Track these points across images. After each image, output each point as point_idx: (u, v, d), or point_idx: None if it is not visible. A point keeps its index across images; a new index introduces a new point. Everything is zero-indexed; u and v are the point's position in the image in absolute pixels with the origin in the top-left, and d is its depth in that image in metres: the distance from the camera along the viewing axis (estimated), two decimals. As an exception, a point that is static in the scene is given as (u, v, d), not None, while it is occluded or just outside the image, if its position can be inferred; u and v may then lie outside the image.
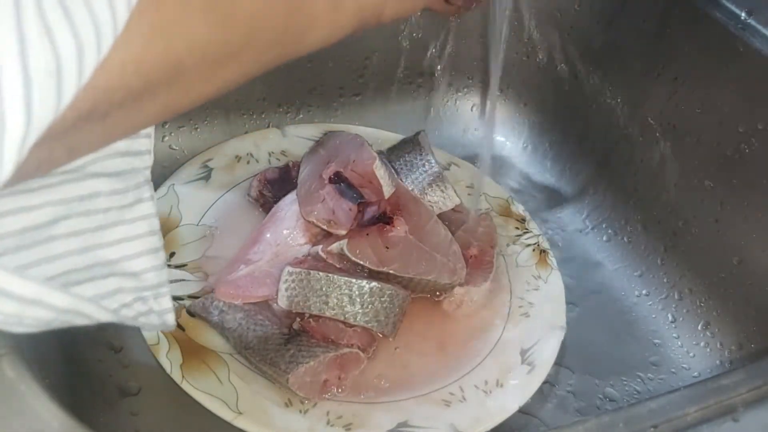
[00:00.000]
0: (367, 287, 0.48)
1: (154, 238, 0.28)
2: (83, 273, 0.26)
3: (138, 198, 0.28)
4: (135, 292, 0.28)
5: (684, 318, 0.58)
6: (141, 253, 0.28)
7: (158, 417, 0.47)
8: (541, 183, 0.70)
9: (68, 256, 0.25)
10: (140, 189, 0.28)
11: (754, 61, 0.54)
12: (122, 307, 0.28)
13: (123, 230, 0.27)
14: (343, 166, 0.54)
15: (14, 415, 0.32)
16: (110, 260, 0.27)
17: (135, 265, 0.28)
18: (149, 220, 0.28)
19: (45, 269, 0.24)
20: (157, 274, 0.29)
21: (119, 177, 0.27)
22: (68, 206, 0.25)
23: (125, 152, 0.27)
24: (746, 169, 0.55)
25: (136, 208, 0.28)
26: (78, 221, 0.25)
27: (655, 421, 0.36)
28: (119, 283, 0.27)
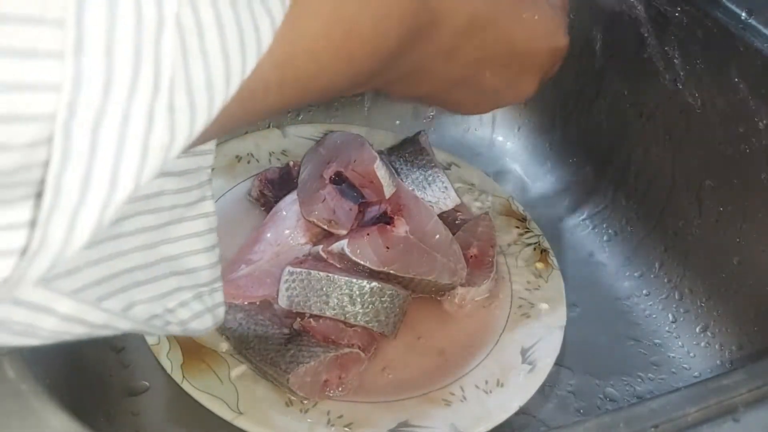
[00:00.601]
0: (368, 287, 0.48)
1: (212, 235, 0.29)
2: (146, 271, 0.27)
3: (201, 196, 0.28)
4: (193, 290, 0.29)
5: (684, 318, 0.58)
6: (200, 250, 0.29)
7: (159, 417, 0.47)
8: (542, 183, 0.70)
9: (134, 252, 0.26)
10: (203, 187, 0.28)
11: (754, 61, 0.54)
12: (179, 306, 0.28)
13: (186, 227, 0.28)
14: (344, 166, 0.54)
15: (15, 416, 0.32)
16: (172, 256, 0.28)
17: (194, 262, 0.29)
18: (209, 218, 0.29)
19: (112, 265, 0.25)
20: (212, 271, 0.30)
21: (184, 175, 0.27)
22: (135, 204, 0.25)
23: (190, 152, 0.27)
24: (747, 169, 0.55)
25: (199, 206, 0.28)
26: (144, 219, 0.26)
27: (656, 421, 0.36)
28: (179, 282, 0.28)
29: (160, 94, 0.19)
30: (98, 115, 0.18)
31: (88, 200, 0.18)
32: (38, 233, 0.18)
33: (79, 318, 0.23)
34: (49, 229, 0.18)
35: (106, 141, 0.18)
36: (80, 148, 0.18)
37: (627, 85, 0.65)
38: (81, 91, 0.17)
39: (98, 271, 0.24)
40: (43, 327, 0.22)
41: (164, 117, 0.19)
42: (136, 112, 0.18)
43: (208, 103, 0.20)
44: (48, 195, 0.18)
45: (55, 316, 0.22)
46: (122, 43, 0.17)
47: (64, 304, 0.22)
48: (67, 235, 0.18)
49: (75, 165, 0.18)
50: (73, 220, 0.18)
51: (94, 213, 0.18)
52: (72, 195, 0.18)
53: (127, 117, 0.18)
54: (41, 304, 0.21)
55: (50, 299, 0.21)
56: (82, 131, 0.17)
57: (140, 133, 0.19)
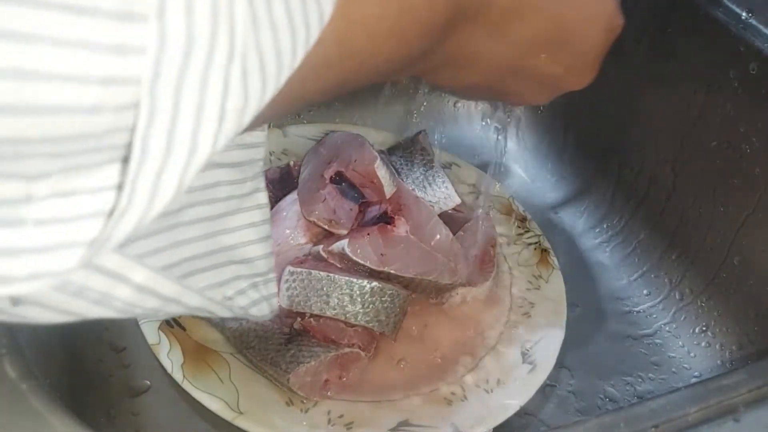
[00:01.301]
0: (368, 287, 0.48)
1: (266, 226, 0.30)
2: (206, 259, 0.27)
3: (255, 188, 0.29)
4: (249, 279, 0.30)
5: (685, 318, 0.58)
6: (255, 240, 0.30)
7: (159, 417, 0.48)
8: (542, 183, 0.70)
9: (193, 241, 0.26)
10: (256, 179, 0.29)
11: (755, 61, 0.54)
12: (237, 294, 0.29)
13: (242, 218, 0.29)
14: (345, 165, 0.54)
15: (15, 415, 0.32)
16: (229, 246, 0.28)
17: (250, 252, 0.29)
18: (263, 209, 0.30)
19: (173, 253, 0.25)
20: (267, 261, 0.31)
21: (239, 167, 0.28)
22: (193, 195, 0.26)
23: (244, 144, 0.28)
24: (748, 169, 0.55)
25: (253, 197, 0.29)
26: (202, 209, 0.27)
27: (656, 421, 0.36)
28: (237, 270, 0.29)
29: (235, 58, 0.19)
30: (180, 76, 0.18)
31: (171, 161, 0.19)
32: (125, 193, 0.18)
33: (152, 289, 0.23)
34: (135, 190, 0.19)
35: (187, 103, 0.18)
36: (164, 108, 0.18)
37: (627, 85, 0.65)
38: (165, 53, 0.18)
39: (160, 259, 0.25)
40: (119, 296, 0.22)
41: (239, 81, 0.20)
42: (215, 75, 0.19)
43: (277, 71, 0.21)
44: (135, 155, 0.18)
45: (130, 285, 0.22)
46: (201, 5, 0.18)
47: (140, 273, 0.23)
48: (151, 195, 0.19)
49: (160, 126, 0.18)
50: (157, 180, 0.19)
51: (176, 174, 0.19)
52: (157, 156, 0.18)
53: (206, 79, 0.19)
54: (118, 271, 0.22)
55: (126, 266, 0.22)
56: (166, 92, 0.18)
57: (218, 95, 0.19)
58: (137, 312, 0.24)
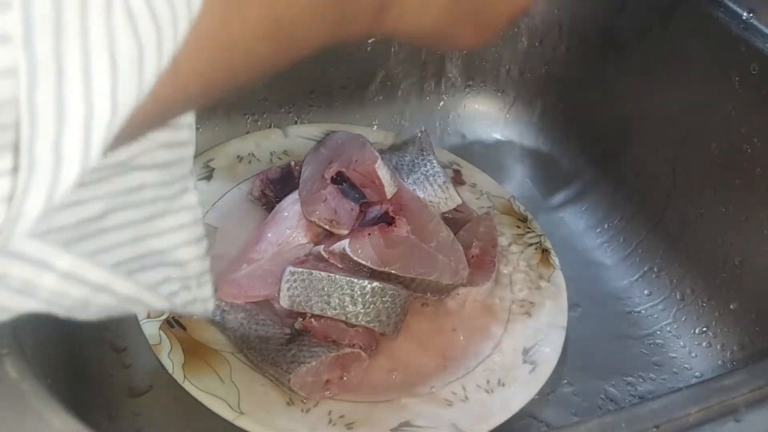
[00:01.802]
0: (369, 287, 0.48)
1: (197, 227, 0.29)
2: (135, 263, 0.26)
3: (183, 188, 0.28)
4: (181, 281, 0.29)
5: (686, 318, 0.58)
6: (186, 242, 0.28)
7: (160, 417, 0.48)
8: (543, 183, 0.70)
9: (120, 246, 0.25)
10: (185, 180, 0.28)
11: (756, 61, 0.54)
12: (170, 295, 0.28)
13: (170, 220, 0.28)
14: (345, 165, 0.54)
15: (16, 415, 0.32)
16: (159, 250, 0.27)
17: (181, 254, 0.28)
18: (193, 210, 0.29)
19: (99, 260, 0.24)
20: (200, 263, 0.29)
21: (165, 168, 0.27)
22: (117, 199, 0.25)
23: (170, 143, 0.27)
24: (748, 169, 0.55)
25: (182, 199, 0.28)
26: (127, 213, 0.26)
27: (657, 421, 0.36)
28: (168, 272, 0.28)
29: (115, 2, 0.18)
30: (55, 29, 0.17)
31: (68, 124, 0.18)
32: (23, 169, 0.17)
33: (79, 275, 0.22)
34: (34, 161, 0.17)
35: (70, 56, 0.17)
36: (45, 64, 0.17)
37: (628, 85, 0.65)
38: (33, 5, 0.16)
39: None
40: (42, 285, 0.21)
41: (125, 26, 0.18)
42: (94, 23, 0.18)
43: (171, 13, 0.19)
44: (24, 123, 0.17)
45: (54, 272, 0.21)
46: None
47: (64, 259, 0.22)
48: (54, 165, 0.18)
49: (44, 85, 0.17)
50: (56, 147, 0.18)
51: (77, 139, 0.18)
52: (48, 119, 0.17)
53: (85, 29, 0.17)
54: (40, 257, 0.21)
55: (49, 253, 0.21)
56: (43, 46, 0.17)
57: (103, 45, 0.18)
58: (65, 303, 0.23)
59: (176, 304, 0.28)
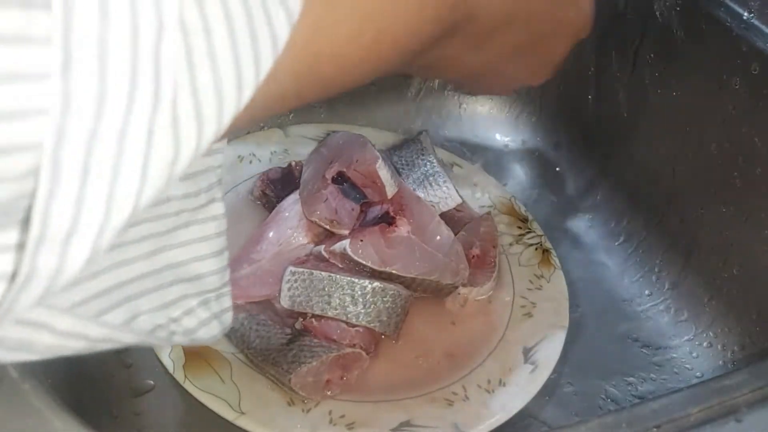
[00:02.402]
0: (370, 287, 0.48)
1: (221, 239, 0.28)
2: (151, 279, 0.25)
3: (210, 198, 0.27)
4: (199, 296, 0.27)
5: (687, 318, 0.58)
6: (208, 255, 0.27)
7: (161, 417, 0.48)
8: (544, 183, 0.70)
9: (137, 261, 0.24)
10: (212, 190, 0.27)
11: (756, 61, 0.54)
12: (184, 314, 0.27)
13: (192, 231, 0.27)
14: (346, 165, 0.54)
15: (17, 415, 0.32)
16: (177, 263, 0.26)
17: (201, 268, 0.27)
18: (218, 221, 0.27)
19: (115, 275, 0.23)
20: (220, 276, 0.28)
21: (193, 179, 0.26)
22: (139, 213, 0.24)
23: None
24: (749, 169, 0.55)
25: (207, 209, 0.27)
26: (147, 226, 0.24)
27: (658, 421, 0.36)
28: (185, 289, 0.27)
29: (161, 107, 0.17)
30: (91, 138, 0.16)
31: (81, 228, 0.17)
32: (26, 263, 0.17)
33: (78, 333, 0.22)
34: (38, 259, 0.17)
35: (100, 165, 0.16)
36: (71, 174, 0.16)
37: (629, 85, 0.65)
38: (70, 114, 0.15)
39: (99, 283, 0.23)
40: (40, 342, 0.21)
41: (166, 131, 0.17)
42: (134, 130, 0.17)
43: (217, 114, 0.18)
44: (34, 226, 0.16)
45: (53, 332, 0.21)
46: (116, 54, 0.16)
47: (63, 321, 0.21)
48: (59, 262, 0.17)
49: (65, 193, 0.16)
50: (64, 248, 0.17)
51: (87, 240, 0.17)
52: (62, 224, 0.17)
53: (123, 136, 0.16)
54: (38, 321, 0.20)
55: (47, 316, 0.20)
56: (72, 158, 0.16)
57: (139, 152, 0.17)
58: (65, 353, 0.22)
59: (187, 329, 0.27)
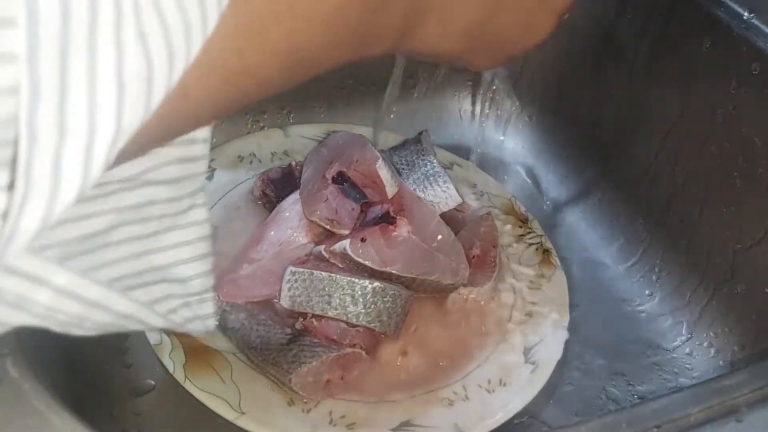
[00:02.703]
0: (370, 287, 0.48)
1: (204, 243, 0.28)
2: (136, 278, 0.26)
3: (192, 204, 0.27)
4: (182, 298, 0.28)
5: (687, 319, 0.58)
6: (191, 258, 0.28)
7: (161, 417, 0.48)
8: (544, 183, 0.70)
9: (123, 261, 0.25)
10: (194, 195, 0.27)
11: (757, 61, 0.54)
12: (169, 312, 0.28)
13: (176, 236, 0.27)
14: (346, 165, 0.54)
15: (18, 415, 0.32)
16: (162, 265, 0.27)
17: (184, 271, 0.28)
18: (201, 226, 0.28)
19: (101, 274, 0.24)
20: (203, 280, 0.29)
21: (176, 184, 0.26)
22: (124, 214, 0.25)
23: (182, 159, 0.26)
24: (749, 169, 0.55)
25: (190, 214, 0.28)
26: (133, 228, 0.25)
27: (658, 421, 0.36)
28: (169, 289, 0.27)
29: (125, 18, 0.17)
30: (62, 45, 0.16)
31: (69, 143, 0.17)
32: (19, 186, 0.17)
33: (75, 292, 0.22)
34: (30, 179, 0.17)
35: (75, 74, 0.17)
36: (49, 83, 0.16)
37: (629, 85, 0.65)
38: (39, 21, 0.16)
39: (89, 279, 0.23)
40: (37, 299, 0.21)
41: (135, 43, 0.18)
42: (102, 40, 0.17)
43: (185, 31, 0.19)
44: (23, 141, 0.16)
45: (50, 287, 0.21)
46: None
47: (60, 275, 0.21)
48: (52, 183, 0.17)
49: (46, 103, 0.16)
50: (55, 167, 0.17)
51: (78, 157, 0.17)
52: (49, 138, 0.17)
53: (93, 46, 0.17)
54: (36, 273, 0.21)
55: (46, 269, 0.21)
56: (47, 64, 0.16)
57: (110, 62, 0.17)
58: (60, 318, 0.22)
59: (175, 321, 0.28)
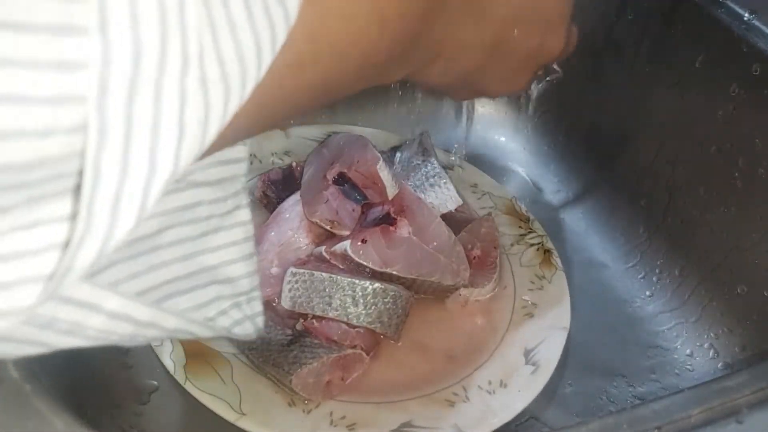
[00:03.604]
0: (371, 288, 0.48)
1: (249, 244, 0.29)
2: (186, 281, 0.26)
3: (236, 205, 0.28)
4: (231, 299, 0.28)
5: (688, 320, 0.58)
6: (238, 259, 0.28)
7: (162, 418, 0.48)
8: (545, 184, 0.70)
9: (172, 264, 0.25)
10: (238, 196, 0.28)
11: (757, 62, 0.54)
12: (219, 315, 0.28)
13: (223, 237, 0.28)
14: (347, 166, 0.54)
15: (19, 416, 0.32)
16: (210, 266, 0.27)
17: (232, 271, 0.28)
18: (246, 226, 0.29)
19: (152, 277, 0.24)
20: (250, 279, 0.29)
21: (220, 185, 0.27)
22: (172, 216, 0.25)
23: (225, 160, 0.27)
24: (750, 170, 0.54)
25: (235, 215, 0.28)
26: (181, 230, 0.26)
27: (659, 422, 0.36)
28: (218, 291, 0.28)
29: (191, 66, 0.18)
30: (130, 91, 0.17)
31: (129, 182, 0.18)
32: (81, 221, 0.17)
33: (126, 315, 0.22)
34: (92, 216, 0.17)
35: (141, 117, 0.17)
36: (115, 125, 0.17)
37: (629, 86, 0.65)
38: (111, 66, 0.17)
39: (137, 284, 0.24)
40: (91, 325, 0.21)
41: (197, 90, 0.18)
42: (168, 86, 0.18)
43: (241, 76, 0.20)
44: (88, 180, 0.17)
45: (103, 313, 0.22)
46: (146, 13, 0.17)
47: (112, 300, 0.22)
48: (110, 220, 0.18)
49: (112, 144, 0.17)
50: (115, 204, 0.18)
51: (136, 196, 0.18)
52: (112, 177, 0.17)
53: (159, 91, 0.18)
54: (88, 300, 0.21)
55: (98, 296, 0.21)
56: (115, 109, 0.17)
57: (175, 108, 0.18)
58: (113, 339, 0.23)
59: (224, 326, 0.28)
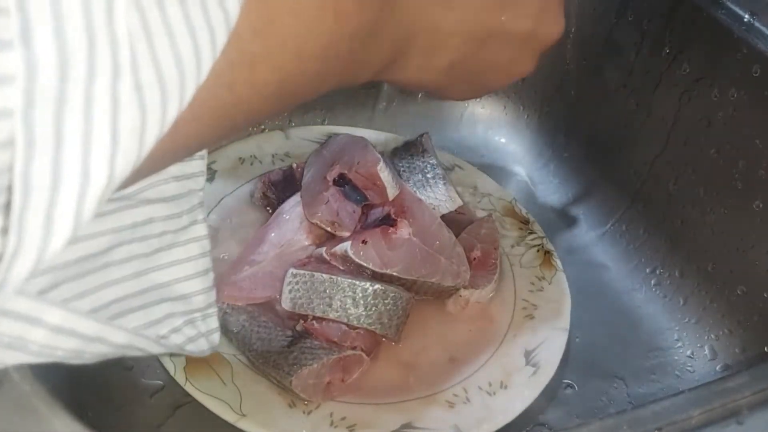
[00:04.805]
0: (371, 289, 0.48)
1: (205, 259, 0.28)
2: (138, 298, 0.26)
3: (192, 220, 0.28)
4: (185, 316, 0.28)
5: (688, 321, 0.58)
6: (192, 275, 0.28)
7: (162, 419, 0.48)
8: (545, 185, 0.70)
9: (123, 281, 0.25)
10: (194, 212, 0.28)
11: (757, 63, 0.54)
12: (171, 332, 0.27)
13: (176, 253, 0.27)
14: (347, 167, 0.54)
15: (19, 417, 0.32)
16: (163, 283, 0.27)
17: (186, 288, 0.28)
18: (201, 242, 0.28)
19: (102, 295, 0.24)
20: (206, 296, 0.29)
21: (174, 201, 0.26)
22: (123, 233, 0.25)
23: (180, 176, 0.26)
24: (750, 171, 0.54)
25: (190, 230, 0.28)
26: (132, 247, 0.25)
27: (659, 423, 0.36)
28: (171, 308, 0.27)
29: (122, 73, 0.18)
30: (58, 101, 0.17)
31: (62, 193, 0.17)
32: (12, 235, 0.17)
33: (70, 329, 0.22)
34: (24, 229, 0.17)
35: (70, 127, 0.17)
36: (44, 137, 0.16)
37: (629, 87, 0.65)
38: (36, 78, 0.16)
39: (88, 302, 0.23)
40: (33, 339, 0.21)
41: (131, 96, 0.18)
42: (99, 94, 0.17)
43: (180, 79, 0.19)
44: (18, 192, 0.17)
45: (44, 327, 0.21)
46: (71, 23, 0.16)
47: (54, 314, 0.21)
48: (43, 232, 0.17)
49: (41, 156, 0.17)
50: (48, 216, 0.17)
51: (70, 207, 0.17)
52: (43, 189, 0.17)
53: (89, 100, 0.17)
54: (29, 314, 0.20)
55: (38, 309, 0.21)
56: (43, 121, 0.16)
57: (106, 116, 0.17)
58: (59, 354, 0.22)
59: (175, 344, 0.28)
